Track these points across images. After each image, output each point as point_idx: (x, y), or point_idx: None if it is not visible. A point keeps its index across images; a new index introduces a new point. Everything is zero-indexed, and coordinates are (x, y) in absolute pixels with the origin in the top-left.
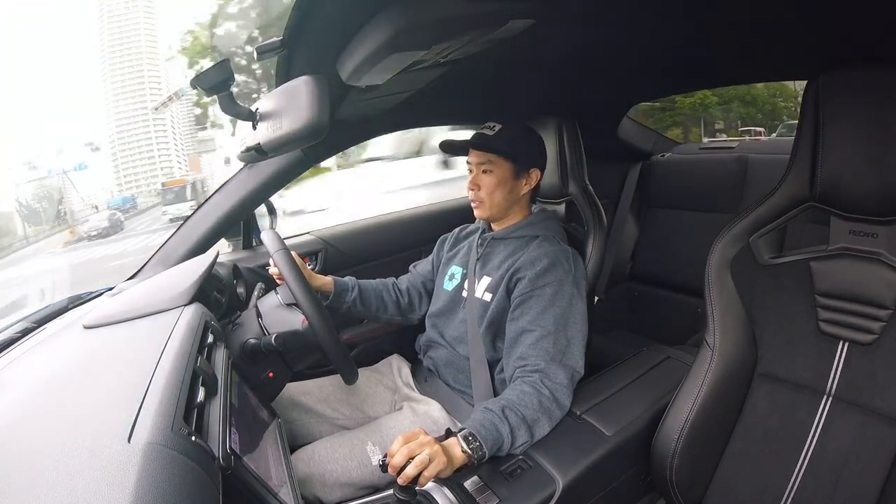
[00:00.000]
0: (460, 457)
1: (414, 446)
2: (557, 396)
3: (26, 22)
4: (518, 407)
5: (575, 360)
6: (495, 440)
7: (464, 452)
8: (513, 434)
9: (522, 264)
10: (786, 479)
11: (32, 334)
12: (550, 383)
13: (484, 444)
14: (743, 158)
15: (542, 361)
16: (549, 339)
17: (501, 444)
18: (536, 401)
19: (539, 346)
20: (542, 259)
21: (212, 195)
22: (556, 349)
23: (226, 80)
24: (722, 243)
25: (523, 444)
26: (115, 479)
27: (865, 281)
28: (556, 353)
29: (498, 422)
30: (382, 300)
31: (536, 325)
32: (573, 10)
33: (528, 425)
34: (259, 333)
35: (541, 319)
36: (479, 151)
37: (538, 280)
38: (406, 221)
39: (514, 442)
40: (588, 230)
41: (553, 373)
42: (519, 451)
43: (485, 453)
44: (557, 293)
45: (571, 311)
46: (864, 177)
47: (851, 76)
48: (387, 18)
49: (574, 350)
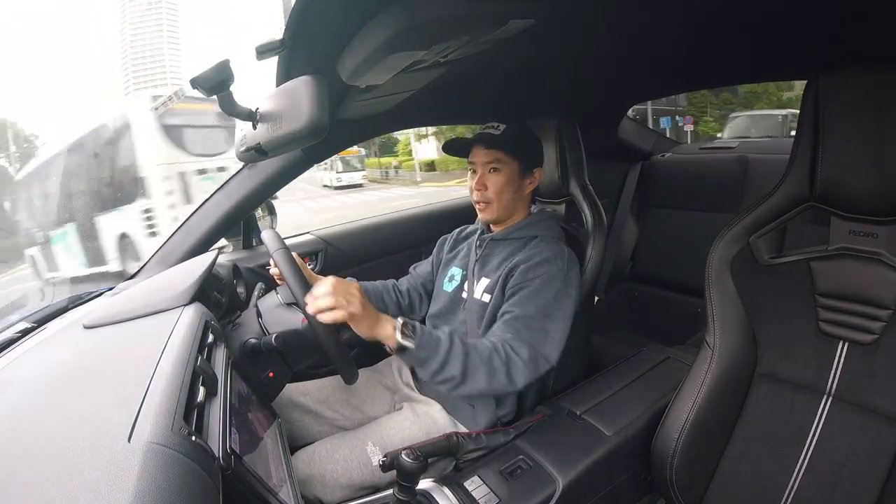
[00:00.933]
0: (388, 333)
1: (339, 286)
2: (511, 367)
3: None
4: (469, 346)
5: (547, 352)
6: (429, 349)
7: (394, 330)
8: (447, 358)
9: (518, 262)
10: (786, 479)
11: (32, 334)
12: (511, 352)
13: (415, 340)
14: (743, 158)
15: (510, 334)
16: (523, 321)
17: (430, 358)
18: (488, 354)
19: (512, 325)
20: (536, 256)
21: (212, 195)
22: (528, 332)
23: (226, 80)
24: (722, 243)
25: (451, 378)
26: (115, 479)
27: (865, 281)
28: (528, 335)
29: (443, 338)
30: (383, 301)
31: (516, 308)
32: (573, 11)
33: (465, 365)
34: (259, 333)
35: (521, 305)
36: (486, 150)
37: (528, 273)
38: (406, 221)
39: (443, 367)
40: (588, 230)
41: (518, 346)
42: (441, 383)
43: (410, 348)
44: (545, 285)
45: (556, 305)
46: (864, 177)
47: (851, 76)
48: (387, 18)
49: (550, 342)
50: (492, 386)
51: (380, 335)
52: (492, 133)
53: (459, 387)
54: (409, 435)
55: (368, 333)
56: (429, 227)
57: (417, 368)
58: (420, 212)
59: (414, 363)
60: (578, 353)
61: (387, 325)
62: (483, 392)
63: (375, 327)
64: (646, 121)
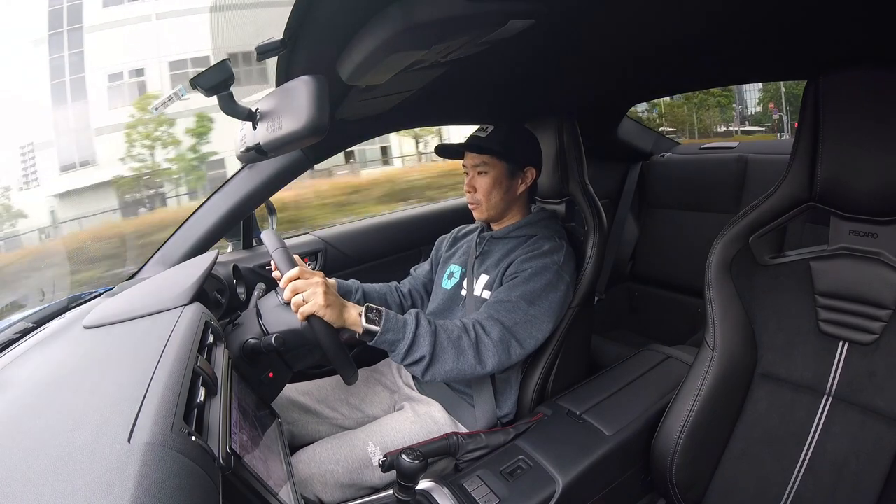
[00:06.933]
0: (353, 318)
1: (300, 284)
2: (480, 347)
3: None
4: (437, 325)
5: (522, 336)
6: (395, 332)
7: (359, 316)
8: (415, 339)
9: (516, 257)
10: (786, 479)
11: (32, 334)
12: (482, 332)
13: (381, 323)
14: (743, 158)
15: (485, 315)
16: (503, 304)
17: (398, 341)
18: (457, 334)
19: (491, 307)
20: (534, 251)
21: (212, 195)
22: (505, 314)
23: (225, 80)
24: (722, 243)
25: (419, 359)
26: (115, 479)
27: (865, 281)
28: (505, 317)
29: (409, 320)
30: (386, 303)
31: (501, 293)
32: (573, 10)
33: (433, 346)
34: (259, 333)
35: (507, 290)
36: (472, 154)
37: (523, 264)
38: (406, 222)
39: (411, 348)
40: (588, 230)
41: (489, 327)
42: (413, 364)
43: (376, 331)
44: (535, 275)
45: (542, 295)
46: (863, 177)
47: (851, 76)
48: (387, 18)
49: (526, 327)
50: (460, 366)
51: (347, 322)
52: (478, 136)
53: (429, 368)
54: (409, 435)
55: (338, 321)
56: (428, 227)
57: (389, 353)
58: (420, 212)
59: (384, 347)
60: (578, 353)
61: (352, 312)
62: (452, 373)
63: (343, 314)
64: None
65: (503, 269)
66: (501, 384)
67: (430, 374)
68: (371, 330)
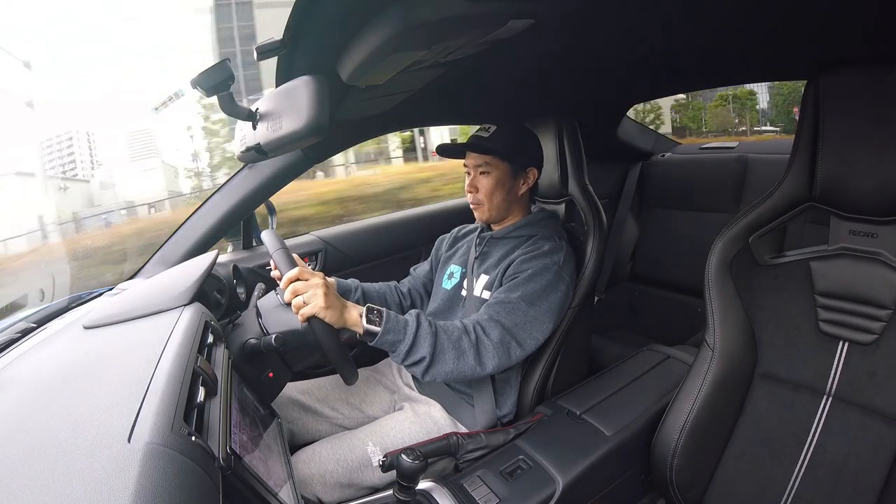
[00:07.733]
0: (354, 319)
1: (300, 286)
2: (480, 348)
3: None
4: (438, 326)
5: (522, 337)
6: (396, 332)
7: (360, 317)
8: (416, 339)
9: (516, 257)
10: (786, 479)
11: (32, 334)
12: (482, 333)
13: (382, 324)
14: (743, 158)
15: (485, 316)
16: (503, 305)
17: (399, 341)
18: (457, 335)
19: (491, 307)
20: (534, 251)
21: (211, 195)
22: (505, 315)
23: (225, 80)
24: (722, 243)
25: (420, 360)
26: (115, 479)
27: (865, 281)
28: (505, 318)
29: (410, 321)
30: (386, 302)
31: (501, 293)
32: (573, 11)
33: (434, 347)
34: (259, 333)
35: (507, 290)
36: (475, 154)
37: (523, 264)
38: (406, 222)
39: (412, 348)
40: (588, 230)
41: (489, 328)
42: (414, 365)
43: (377, 332)
44: (535, 275)
45: (542, 295)
46: (863, 177)
47: (851, 76)
48: (387, 18)
49: (526, 328)
50: (460, 367)
51: (348, 323)
52: (481, 136)
53: (430, 369)
54: (409, 435)
55: (338, 322)
56: (428, 227)
57: (390, 354)
58: (419, 213)
59: (384, 347)
60: (578, 353)
61: (353, 312)
62: (452, 374)
63: (343, 315)
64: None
65: (503, 270)
66: (501, 384)
67: (430, 374)
68: (372, 331)
